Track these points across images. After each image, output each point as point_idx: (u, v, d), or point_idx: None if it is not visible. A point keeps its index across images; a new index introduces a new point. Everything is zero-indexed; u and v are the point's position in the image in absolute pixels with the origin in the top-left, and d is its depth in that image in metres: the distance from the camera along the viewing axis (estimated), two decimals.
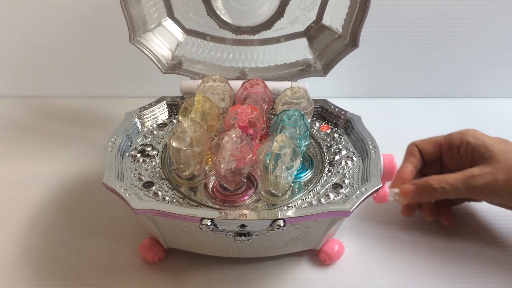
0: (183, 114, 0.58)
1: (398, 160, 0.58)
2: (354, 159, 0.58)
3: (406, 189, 0.58)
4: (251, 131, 0.56)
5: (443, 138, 0.61)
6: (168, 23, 0.68)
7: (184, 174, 0.55)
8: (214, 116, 0.58)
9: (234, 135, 0.51)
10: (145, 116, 0.63)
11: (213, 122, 0.58)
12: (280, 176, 0.51)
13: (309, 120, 0.59)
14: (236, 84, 0.63)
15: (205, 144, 0.53)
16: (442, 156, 0.61)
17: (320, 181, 0.55)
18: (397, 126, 0.80)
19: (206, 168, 0.57)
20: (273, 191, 0.53)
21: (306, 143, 0.56)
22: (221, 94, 0.61)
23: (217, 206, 0.52)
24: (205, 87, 0.61)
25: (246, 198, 0.54)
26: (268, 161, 0.51)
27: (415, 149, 0.62)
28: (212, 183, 0.55)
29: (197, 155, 0.53)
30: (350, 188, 0.54)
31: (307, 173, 0.57)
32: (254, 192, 0.54)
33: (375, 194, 0.55)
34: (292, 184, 0.54)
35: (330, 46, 0.66)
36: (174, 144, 0.53)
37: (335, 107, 0.64)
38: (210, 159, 0.54)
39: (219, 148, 0.51)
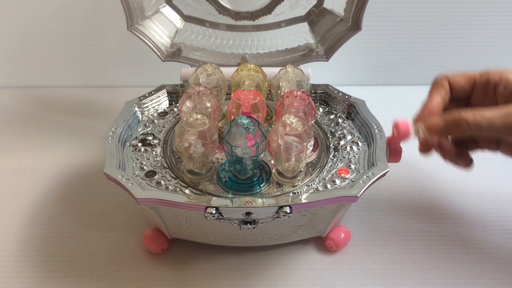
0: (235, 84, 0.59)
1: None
2: (359, 144, 0.57)
3: (433, 123, 0.51)
4: (254, 117, 0.55)
5: (479, 74, 0.55)
6: (166, 9, 0.67)
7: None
8: (265, 89, 0.60)
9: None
10: (145, 105, 0.62)
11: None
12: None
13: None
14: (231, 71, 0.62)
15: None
16: (473, 94, 0.55)
17: (326, 167, 0.54)
18: (404, 115, 0.78)
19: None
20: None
21: (258, 153, 0.50)
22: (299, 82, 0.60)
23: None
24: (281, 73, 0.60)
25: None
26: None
27: (445, 81, 0.55)
28: None
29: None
30: (356, 173, 0.53)
31: (264, 185, 0.53)
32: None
33: (394, 132, 0.53)
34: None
35: (332, 30, 0.65)
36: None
37: (338, 91, 0.63)
38: None
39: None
